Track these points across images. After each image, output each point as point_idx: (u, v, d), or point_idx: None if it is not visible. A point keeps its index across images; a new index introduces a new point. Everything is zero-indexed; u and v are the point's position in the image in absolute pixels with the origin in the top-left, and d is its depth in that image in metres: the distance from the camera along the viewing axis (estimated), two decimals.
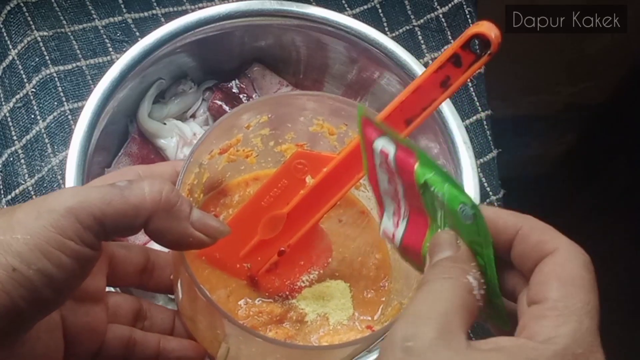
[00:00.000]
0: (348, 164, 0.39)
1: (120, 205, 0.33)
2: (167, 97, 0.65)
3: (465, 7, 0.72)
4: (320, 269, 0.42)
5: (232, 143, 0.43)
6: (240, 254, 0.41)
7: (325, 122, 0.44)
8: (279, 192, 0.41)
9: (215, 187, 0.44)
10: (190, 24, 0.59)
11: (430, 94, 0.36)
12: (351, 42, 0.62)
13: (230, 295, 0.41)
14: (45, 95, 0.64)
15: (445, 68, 0.35)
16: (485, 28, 0.34)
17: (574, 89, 1.19)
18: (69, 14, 0.66)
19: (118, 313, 0.40)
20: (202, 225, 0.35)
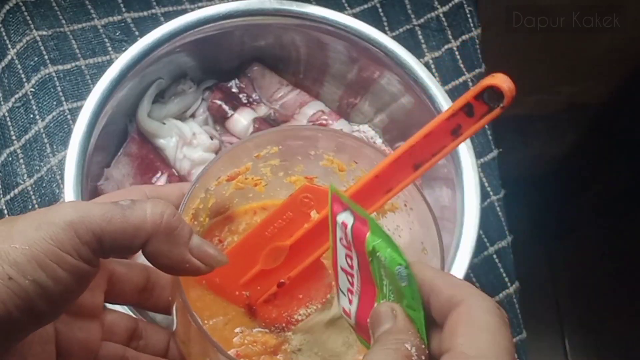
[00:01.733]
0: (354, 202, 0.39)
1: (120, 224, 0.33)
2: (167, 96, 0.65)
3: (466, 6, 0.71)
4: (318, 304, 0.42)
5: (241, 171, 0.43)
6: (241, 281, 0.41)
7: (335, 158, 0.44)
8: (284, 223, 0.41)
9: (221, 212, 0.44)
10: (190, 23, 0.59)
11: (440, 140, 0.36)
12: (351, 41, 0.62)
13: (228, 323, 0.41)
14: (44, 95, 0.64)
15: (457, 116, 0.35)
16: (500, 81, 0.34)
17: (574, 89, 1.19)
18: (68, 14, 0.66)
19: (113, 331, 0.40)
20: (200, 253, 0.35)
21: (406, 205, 0.42)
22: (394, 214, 0.43)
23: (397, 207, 0.43)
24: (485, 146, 0.69)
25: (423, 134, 0.36)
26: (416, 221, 0.42)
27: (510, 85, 0.34)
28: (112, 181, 0.62)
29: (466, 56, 0.70)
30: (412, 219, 0.42)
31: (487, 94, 0.34)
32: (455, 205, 0.59)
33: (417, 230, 0.42)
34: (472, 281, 0.66)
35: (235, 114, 0.65)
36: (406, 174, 0.37)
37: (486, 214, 0.67)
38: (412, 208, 0.42)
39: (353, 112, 0.68)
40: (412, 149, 0.36)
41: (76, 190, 0.54)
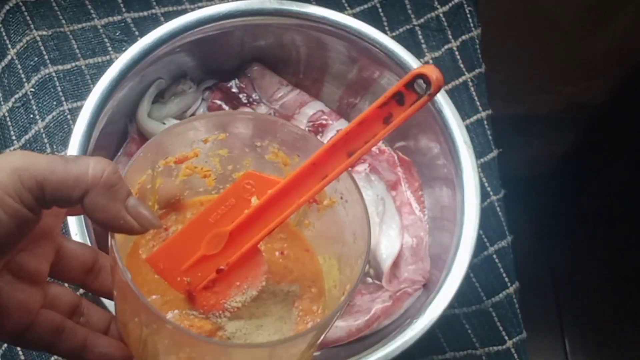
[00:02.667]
0: (291, 188, 0.40)
1: (63, 174, 0.35)
2: (167, 96, 0.65)
3: (466, 6, 0.71)
4: (254, 291, 0.43)
5: (189, 155, 0.44)
6: (183, 267, 0.42)
7: (280, 151, 0.45)
8: (226, 210, 0.42)
9: (171, 203, 0.46)
10: (190, 23, 0.59)
11: (372, 128, 0.38)
12: (351, 41, 0.62)
13: (165, 304, 0.42)
14: (44, 95, 0.64)
15: (389, 105, 0.37)
16: (428, 70, 0.36)
17: (574, 89, 1.19)
18: (68, 14, 0.66)
19: (55, 302, 0.41)
20: (135, 212, 0.37)
21: (342, 198, 0.44)
22: (332, 210, 0.45)
23: (334, 201, 0.44)
24: (485, 146, 0.69)
25: (357, 122, 0.38)
26: (350, 213, 0.43)
27: (438, 75, 0.36)
28: None
29: (466, 56, 0.70)
30: (347, 211, 0.43)
31: (417, 83, 0.36)
32: (455, 205, 0.59)
33: (351, 221, 0.43)
34: (472, 281, 0.66)
35: None
36: (341, 161, 0.39)
37: (486, 214, 0.67)
38: (347, 200, 0.43)
39: (353, 112, 0.68)
40: (346, 137, 0.38)
41: None
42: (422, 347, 0.63)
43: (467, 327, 0.65)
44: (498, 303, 0.66)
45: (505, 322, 0.66)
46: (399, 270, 0.62)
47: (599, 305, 1.27)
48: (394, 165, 0.65)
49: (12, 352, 0.58)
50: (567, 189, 1.32)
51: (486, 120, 0.69)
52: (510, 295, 0.66)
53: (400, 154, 0.66)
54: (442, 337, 0.65)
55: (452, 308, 0.64)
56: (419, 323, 0.54)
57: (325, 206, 0.45)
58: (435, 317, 0.54)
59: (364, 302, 0.61)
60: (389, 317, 0.59)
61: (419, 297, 0.61)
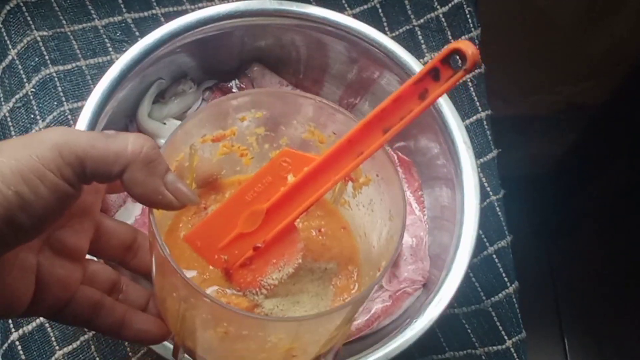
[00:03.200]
0: (327, 166, 0.40)
1: (103, 150, 0.35)
2: (167, 97, 0.65)
3: (466, 7, 0.72)
4: (290, 268, 0.43)
5: (227, 134, 0.44)
6: (220, 245, 0.42)
7: (316, 129, 0.45)
8: (263, 188, 0.42)
9: (209, 182, 0.46)
10: (190, 23, 0.59)
11: (408, 104, 0.38)
12: (351, 42, 0.62)
13: (203, 281, 0.42)
14: (45, 95, 0.64)
15: (424, 81, 0.37)
16: (464, 45, 0.36)
17: (574, 89, 1.19)
18: (68, 14, 0.66)
19: (95, 279, 0.41)
20: (173, 188, 0.37)
21: (378, 176, 0.44)
22: (368, 188, 0.45)
23: (370, 180, 0.44)
24: (484, 146, 0.69)
25: (392, 99, 0.38)
26: (386, 191, 0.43)
27: (474, 50, 0.36)
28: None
29: None
30: (383, 189, 0.43)
31: (452, 59, 0.36)
32: (455, 205, 0.59)
33: (387, 199, 0.43)
34: (472, 281, 0.66)
35: None
36: (376, 138, 0.39)
37: (486, 214, 0.67)
38: (382, 178, 0.43)
39: (353, 112, 0.68)
40: (382, 113, 0.38)
41: None
42: (422, 347, 0.63)
43: (467, 326, 0.65)
44: (498, 303, 0.66)
45: (505, 321, 0.66)
46: (399, 270, 0.62)
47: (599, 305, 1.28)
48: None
49: (12, 351, 0.58)
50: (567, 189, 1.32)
51: (486, 120, 0.69)
52: (509, 295, 0.66)
53: (400, 154, 0.66)
54: (442, 337, 0.65)
55: (451, 308, 0.64)
56: (418, 323, 0.54)
57: (361, 184, 0.45)
58: (435, 317, 0.54)
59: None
60: (388, 316, 0.60)
61: (419, 296, 0.61)
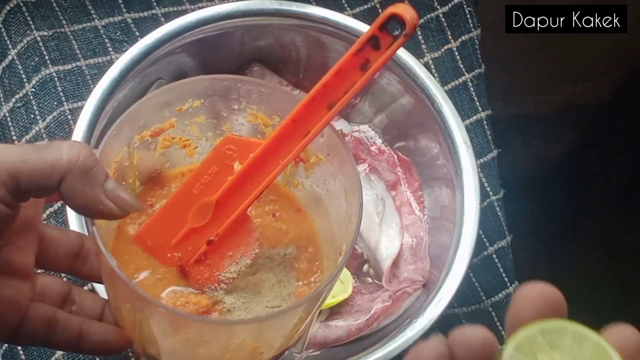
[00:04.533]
0: (274, 150, 0.39)
1: (36, 163, 0.33)
2: None
3: (466, 7, 0.72)
4: (248, 259, 0.41)
5: (165, 127, 0.43)
6: (172, 242, 0.41)
7: (259, 112, 0.43)
8: (209, 179, 0.40)
9: (153, 177, 0.44)
10: (190, 23, 0.59)
11: (351, 77, 0.36)
12: (351, 42, 0.62)
13: (158, 281, 0.41)
14: (45, 95, 0.64)
15: (364, 51, 0.35)
16: (401, 9, 0.34)
17: (574, 89, 1.19)
18: (68, 14, 0.66)
19: (45, 294, 0.40)
20: (114, 196, 0.36)
21: (329, 155, 0.42)
22: (319, 167, 0.43)
23: (321, 159, 0.43)
24: (484, 146, 0.69)
25: (333, 72, 0.36)
26: (339, 170, 0.42)
27: (412, 14, 0.34)
28: None
29: (466, 56, 0.71)
30: (336, 167, 0.42)
31: (391, 25, 0.35)
32: (454, 205, 0.59)
33: (341, 178, 0.42)
34: (472, 281, 0.66)
35: None
36: (321, 115, 0.37)
37: (486, 214, 0.67)
38: (334, 157, 0.42)
39: (353, 112, 0.68)
40: (324, 89, 0.37)
41: None
42: None
43: None
44: (498, 303, 0.66)
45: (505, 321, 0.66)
46: (399, 270, 0.62)
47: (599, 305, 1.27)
48: (394, 165, 0.65)
49: (12, 351, 0.58)
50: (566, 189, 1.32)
51: (486, 120, 0.69)
52: (509, 295, 0.66)
53: (400, 154, 0.66)
54: None
55: (451, 308, 0.64)
56: (418, 323, 0.54)
57: (312, 164, 0.44)
58: (435, 317, 0.54)
59: (363, 301, 0.61)
60: (388, 316, 0.60)
61: (419, 297, 0.61)
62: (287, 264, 0.43)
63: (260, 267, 0.42)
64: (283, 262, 0.43)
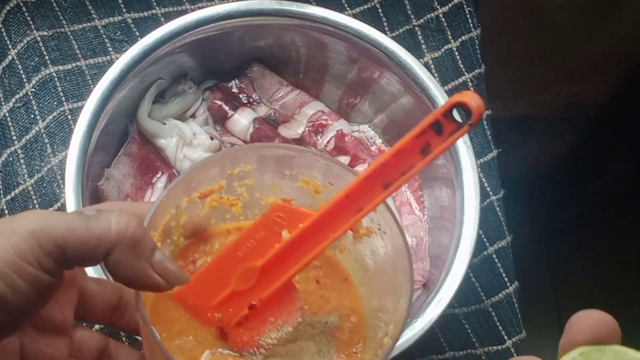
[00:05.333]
0: (324, 222, 0.38)
1: (84, 234, 0.32)
2: (167, 97, 0.65)
3: (466, 6, 0.72)
4: (290, 327, 0.41)
5: (214, 189, 0.42)
6: (213, 303, 0.40)
7: (310, 179, 0.43)
8: (256, 244, 0.40)
9: (198, 233, 0.44)
10: (190, 23, 0.59)
11: (410, 159, 0.36)
12: (351, 42, 0.62)
13: (198, 344, 0.40)
14: (45, 95, 0.64)
15: (426, 134, 0.35)
16: (468, 98, 0.33)
17: (574, 89, 1.19)
18: (68, 14, 0.66)
19: (82, 349, 0.39)
20: (161, 269, 0.35)
21: (380, 229, 0.41)
22: (369, 239, 0.43)
23: (372, 231, 0.42)
24: (484, 146, 0.69)
25: (392, 152, 0.36)
26: (389, 245, 0.41)
27: (479, 103, 0.33)
28: (113, 181, 0.62)
29: (466, 56, 0.71)
30: (386, 242, 0.41)
31: (456, 111, 0.34)
32: (454, 205, 0.59)
33: (390, 253, 0.41)
34: (472, 281, 0.66)
35: (235, 114, 0.65)
36: (376, 193, 0.37)
37: (486, 213, 0.67)
38: (385, 232, 0.41)
39: (353, 113, 0.68)
40: (382, 167, 0.36)
41: (76, 190, 0.54)
42: (422, 347, 0.63)
43: (467, 326, 0.65)
44: (498, 303, 0.66)
45: (505, 321, 0.66)
46: None
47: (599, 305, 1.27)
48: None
49: None
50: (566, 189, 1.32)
51: (486, 120, 0.69)
52: (510, 295, 0.66)
53: None
54: (442, 337, 0.65)
55: (451, 308, 0.64)
56: (418, 323, 0.54)
57: (361, 235, 0.43)
58: (435, 317, 0.54)
59: None
60: None
61: (419, 297, 0.61)
62: (329, 333, 0.42)
63: (302, 334, 0.42)
64: (324, 330, 0.42)
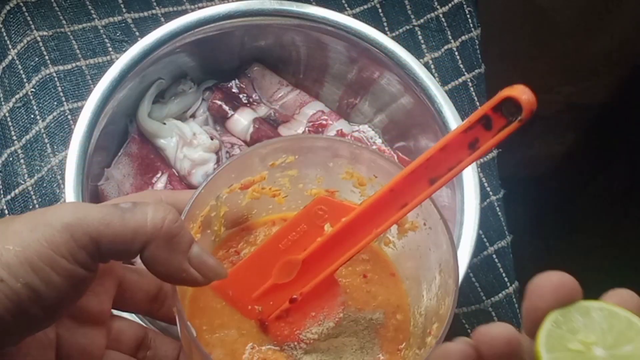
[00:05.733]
0: (367, 216, 0.37)
1: (119, 228, 0.32)
2: (167, 97, 0.65)
3: (466, 6, 0.72)
4: (331, 322, 0.40)
5: (256, 180, 0.42)
6: (253, 295, 0.40)
7: (354, 171, 0.42)
8: (297, 236, 0.39)
9: (240, 222, 0.43)
10: (190, 23, 0.59)
11: (457, 154, 0.35)
12: (351, 42, 0.62)
13: (241, 337, 0.40)
14: (45, 95, 0.64)
15: (474, 129, 0.34)
16: (518, 92, 0.32)
17: (574, 89, 1.19)
18: (68, 14, 0.66)
19: (120, 339, 0.38)
20: (199, 263, 0.34)
21: (425, 225, 0.41)
22: (414, 233, 0.42)
23: (417, 226, 0.41)
24: None
25: (439, 147, 0.35)
26: (435, 242, 0.40)
27: (530, 97, 0.32)
28: (113, 181, 0.62)
29: (466, 56, 0.71)
30: (432, 239, 0.40)
31: (505, 106, 0.33)
32: (454, 205, 0.59)
33: (436, 251, 0.40)
34: (472, 281, 0.66)
35: (235, 114, 0.65)
36: (421, 189, 0.36)
37: (486, 214, 0.67)
38: (430, 227, 0.40)
39: (353, 112, 0.68)
40: (428, 162, 0.35)
41: (76, 190, 0.54)
42: None
43: (467, 326, 0.65)
44: (498, 303, 0.66)
45: (505, 322, 0.66)
46: None
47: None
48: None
49: None
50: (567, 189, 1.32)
51: None
52: (509, 295, 0.66)
53: (400, 154, 0.66)
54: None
55: None
56: None
57: (406, 229, 0.42)
58: None
59: None
60: None
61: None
62: (372, 330, 0.41)
63: (344, 330, 0.41)
64: (368, 327, 0.42)
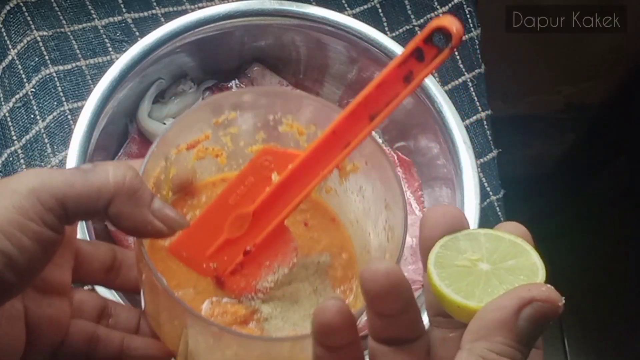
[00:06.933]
0: (312, 160, 0.38)
1: (83, 188, 0.33)
2: (167, 97, 0.65)
3: (466, 6, 0.72)
4: (285, 268, 0.41)
5: (200, 139, 0.43)
6: (207, 253, 0.41)
7: (294, 121, 0.43)
8: (246, 190, 0.40)
9: (184, 187, 0.44)
10: (190, 23, 0.59)
11: (393, 89, 0.36)
12: (351, 42, 0.62)
13: (197, 294, 0.41)
14: (45, 95, 0.64)
15: (408, 62, 0.35)
16: (447, 22, 0.33)
17: (574, 89, 1.19)
18: (68, 14, 0.66)
19: (82, 309, 0.40)
20: (161, 215, 0.36)
21: (367, 164, 0.42)
22: (356, 174, 0.43)
23: (358, 167, 0.43)
24: (484, 146, 0.69)
25: (376, 84, 0.36)
26: (378, 179, 0.41)
27: (458, 26, 0.33)
28: None
29: (466, 56, 0.71)
30: (374, 176, 0.41)
31: (436, 36, 0.34)
32: (454, 205, 0.59)
33: (380, 187, 0.41)
34: None
35: None
36: (362, 127, 0.37)
37: (486, 214, 0.67)
38: (373, 166, 0.41)
39: None
40: (366, 100, 0.36)
41: None
42: None
43: None
44: None
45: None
46: None
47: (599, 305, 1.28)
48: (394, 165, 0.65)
49: None
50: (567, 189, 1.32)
51: (486, 120, 0.69)
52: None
53: (400, 154, 0.66)
54: None
55: None
56: None
57: (348, 172, 0.43)
58: None
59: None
60: None
61: (419, 297, 0.61)
62: (322, 272, 0.43)
63: (296, 276, 0.42)
64: (318, 269, 0.43)
